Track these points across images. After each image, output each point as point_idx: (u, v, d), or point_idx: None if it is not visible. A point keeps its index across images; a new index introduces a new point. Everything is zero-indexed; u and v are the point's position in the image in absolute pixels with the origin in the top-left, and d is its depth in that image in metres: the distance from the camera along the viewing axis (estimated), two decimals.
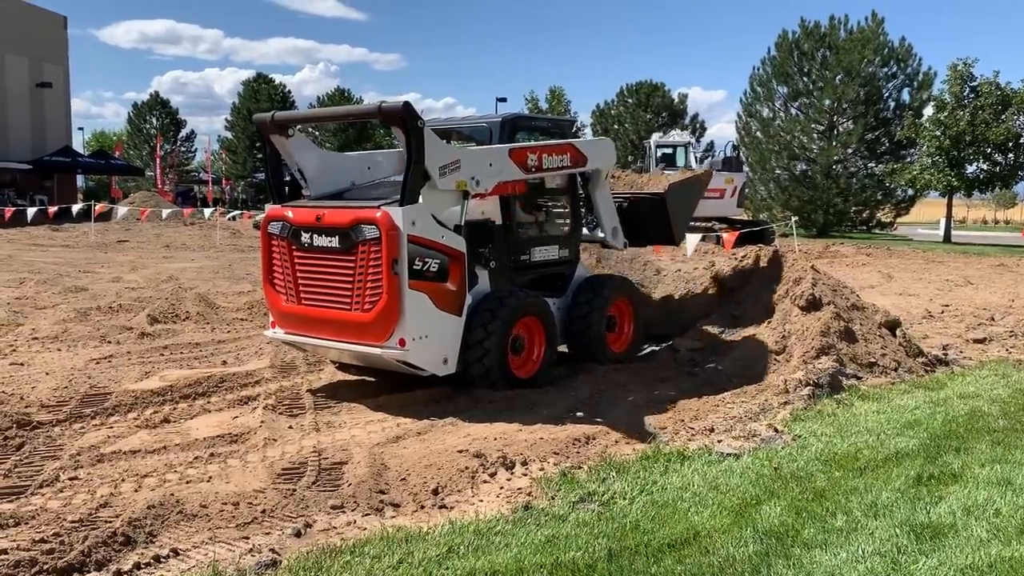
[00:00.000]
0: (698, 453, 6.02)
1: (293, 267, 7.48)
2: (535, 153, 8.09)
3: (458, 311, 7.36)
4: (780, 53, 43.77)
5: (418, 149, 6.88)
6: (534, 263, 8.61)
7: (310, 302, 7.42)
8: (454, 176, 7.27)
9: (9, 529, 4.63)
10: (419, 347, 7.05)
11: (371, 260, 6.90)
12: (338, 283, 7.16)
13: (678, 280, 12.53)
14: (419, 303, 6.97)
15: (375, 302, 6.91)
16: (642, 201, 9.69)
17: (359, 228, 6.93)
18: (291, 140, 7.77)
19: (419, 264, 6.90)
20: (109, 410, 6.98)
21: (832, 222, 43.03)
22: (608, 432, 6.67)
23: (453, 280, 7.21)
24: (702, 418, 7.13)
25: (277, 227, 7.55)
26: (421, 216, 6.99)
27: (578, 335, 8.79)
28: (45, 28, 44.39)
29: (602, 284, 9.06)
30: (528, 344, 8.02)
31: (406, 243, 6.80)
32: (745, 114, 46.05)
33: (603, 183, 9.22)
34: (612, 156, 9.27)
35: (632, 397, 7.76)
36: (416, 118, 6.83)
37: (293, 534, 4.68)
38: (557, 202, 9.06)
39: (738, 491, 5.18)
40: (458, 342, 7.40)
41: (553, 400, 7.53)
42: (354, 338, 7.20)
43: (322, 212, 7.26)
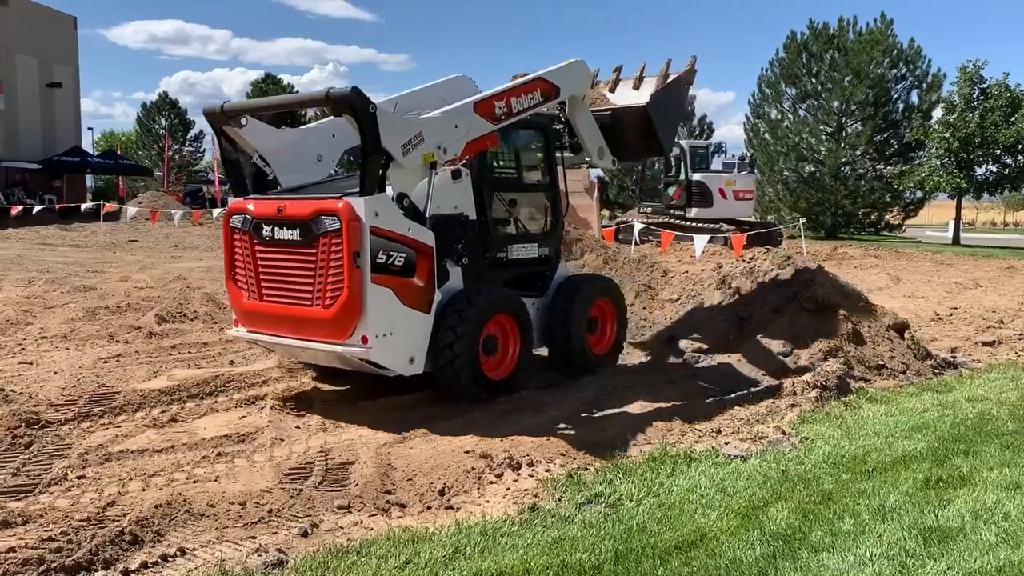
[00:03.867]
0: (705, 455, 6.01)
1: (255, 262, 7.17)
2: (502, 99, 7.60)
3: (426, 308, 7.01)
4: (788, 55, 43.67)
5: (373, 136, 6.53)
6: (512, 261, 8.23)
7: (272, 298, 7.12)
8: (419, 150, 6.92)
9: (17, 527, 4.65)
10: (383, 345, 6.71)
11: (332, 253, 6.59)
12: (299, 278, 6.86)
13: (685, 281, 12.53)
14: (383, 298, 6.64)
15: (336, 297, 6.61)
16: (624, 115, 9.14)
17: (320, 219, 6.63)
18: (246, 128, 7.41)
19: (383, 257, 6.59)
20: (117, 409, 7.00)
21: (840, 224, 42.91)
22: (615, 432, 6.66)
23: (420, 275, 6.87)
24: (709, 420, 7.12)
25: (239, 221, 7.25)
26: (385, 207, 6.68)
27: (557, 336, 8.37)
28: (55, 28, 44.61)
29: (583, 284, 8.71)
30: (502, 344, 7.65)
31: (368, 235, 6.49)
32: (753, 115, 45.97)
33: (581, 107, 8.70)
34: (585, 78, 8.69)
35: (638, 399, 7.75)
36: (366, 103, 6.48)
37: (300, 534, 4.68)
38: (536, 198, 8.71)
39: (745, 493, 5.17)
40: (426, 340, 7.05)
41: (559, 401, 7.53)
42: (315, 335, 6.89)
43: (283, 204, 6.97)
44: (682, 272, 13.19)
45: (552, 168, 8.64)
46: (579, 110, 8.65)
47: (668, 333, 10.15)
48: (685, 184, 27.41)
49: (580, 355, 8.40)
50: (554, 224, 8.70)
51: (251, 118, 7.41)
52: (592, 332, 8.71)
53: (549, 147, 8.64)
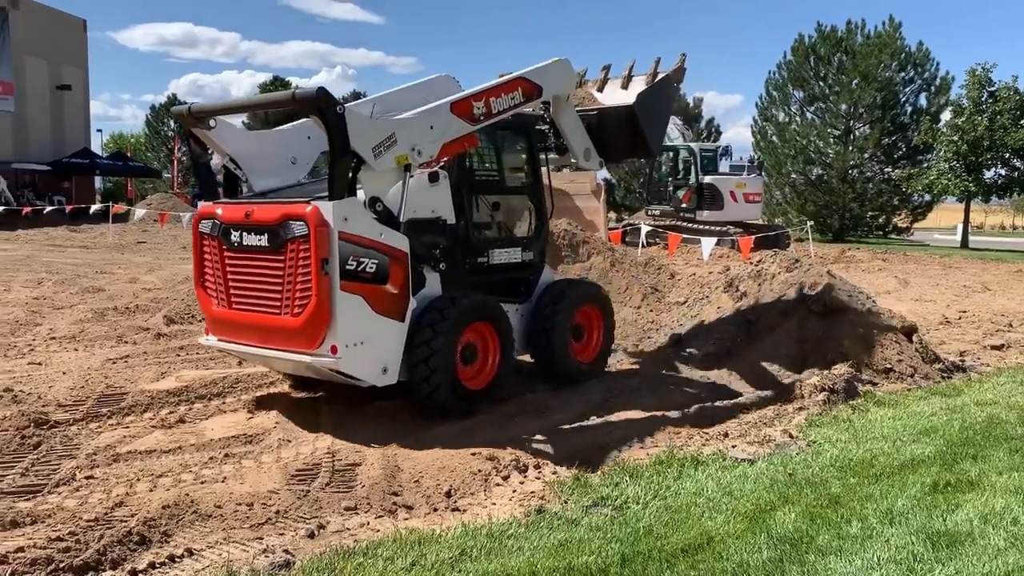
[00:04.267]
0: (712, 458, 6.00)
1: (224, 268, 6.93)
2: (481, 99, 7.33)
3: (399, 316, 6.71)
4: (796, 57, 43.59)
5: (341, 137, 6.28)
6: (494, 266, 7.92)
7: (241, 306, 6.88)
8: (392, 152, 6.66)
9: (26, 527, 4.67)
10: (353, 355, 6.44)
11: (300, 259, 6.35)
12: (268, 285, 6.62)
13: (693, 284, 12.52)
14: (353, 307, 6.39)
15: (304, 305, 6.35)
16: (610, 115, 8.87)
17: (287, 224, 6.40)
18: (215, 130, 7.16)
19: (353, 264, 6.33)
20: (125, 410, 7.02)
21: (848, 227, 42.81)
22: (622, 436, 6.66)
23: (394, 282, 6.60)
24: (716, 423, 7.11)
25: (208, 226, 7.03)
26: (355, 212, 6.42)
27: (540, 343, 8.06)
28: (65, 31, 44.80)
29: (568, 290, 8.35)
30: (481, 352, 7.33)
31: (337, 241, 6.24)
32: (761, 118, 45.91)
33: (566, 107, 8.45)
34: (569, 77, 8.39)
35: (645, 401, 7.74)
36: (334, 104, 6.24)
37: (307, 535, 4.69)
38: (519, 200, 8.39)
39: (752, 497, 5.15)
40: (400, 349, 6.75)
41: (566, 404, 7.52)
42: (284, 345, 6.62)
43: (251, 208, 6.72)
44: (689, 275, 13.16)
45: (536, 170, 8.40)
46: (563, 110, 8.43)
47: (675, 336, 10.14)
48: (696, 187, 27.36)
49: (564, 363, 8.12)
50: (538, 228, 8.44)
51: (221, 120, 7.18)
52: (577, 339, 8.42)
53: (532, 148, 8.40)
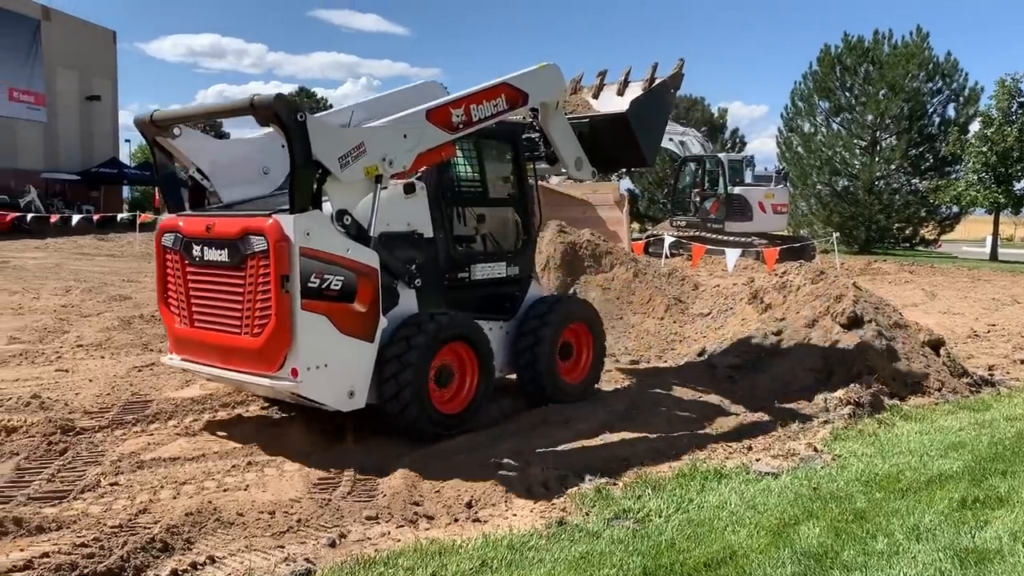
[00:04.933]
0: (735, 471, 5.95)
1: (186, 284, 6.62)
2: (460, 107, 6.92)
3: (368, 336, 6.31)
4: (822, 68, 43.32)
5: (302, 147, 5.90)
6: (476, 282, 7.54)
7: (202, 324, 6.56)
8: (360, 163, 6.28)
9: (51, 532, 4.71)
10: (315, 378, 6.05)
11: (260, 276, 6.01)
12: (228, 302, 6.29)
13: (717, 296, 12.46)
14: (316, 327, 5.99)
15: (264, 325, 6.01)
16: (603, 123, 8.50)
17: (247, 239, 6.06)
18: (180, 139, 6.88)
19: (316, 281, 5.95)
20: (150, 417, 7.08)
21: (874, 239, 42.40)
22: (644, 448, 6.61)
23: (362, 300, 6.20)
24: (739, 436, 7.04)
25: (170, 239, 6.75)
26: (319, 226, 6.03)
27: (524, 362, 7.66)
28: (95, 43, 45.57)
29: (555, 306, 7.90)
30: (458, 374, 6.95)
31: (298, 257, 5.86)
32: (786, 129, 45.64)
33: (555, 114, 7.99)
34: (558, 83, 7.93)
35: (668, 414, 7.69)
36: (293, 111, 5.86)
37: (328, 544, 4.70)
38: (504, 213, 8.06)
39: (776, 511, 5.10)
40: (369, 371, 6.37)
41: (588, 415, 7.49)
42: (244, 366, 6.28)
43: (213, 221, 6.41)
44: (713, 286, 13.12)
45: (523, 180, 8.02)
46: (553, 118, 8.00)
47: (699, 347, 10.08)
48: (724, 197, 27.26)
49: (550, 383, 7.70)
50: (525, 241, 8.06)
51: (186, 128, 6.89)
52: (565, 359, 8.02)
53: (518, 157, 8.02)
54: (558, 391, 7.76)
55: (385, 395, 6.41)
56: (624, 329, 11.51)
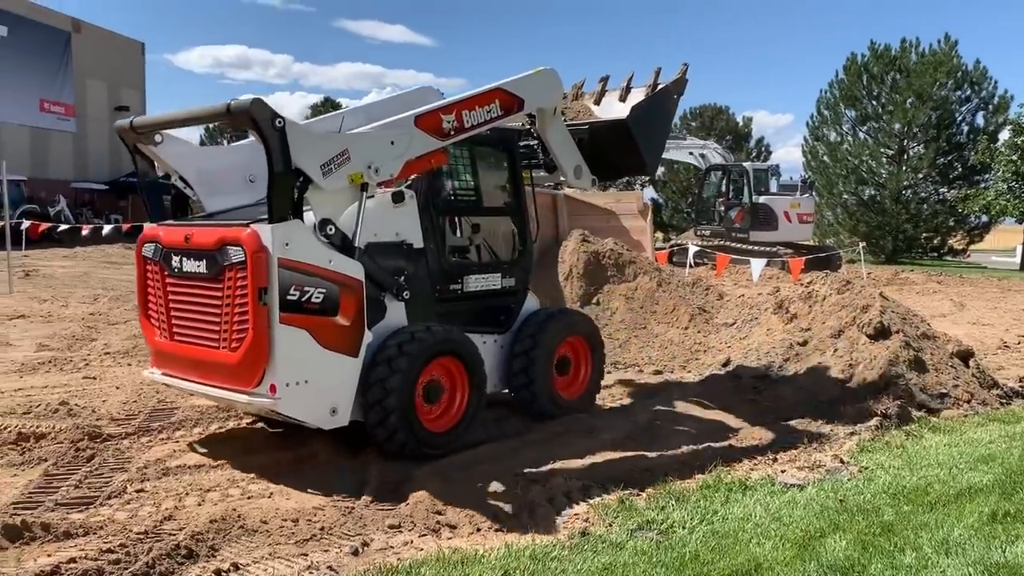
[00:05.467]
0: (760, 483, 5.89)
1: (165, 296, 6.41)
2: (451, 112, 6.67)
3: (352, 350, 6.07)
4: (848, 76, 43.03)
5: (280, 153, 5.65)
6: (469, 294, 7.28)
7: (182, 337, 6.33)
8: (344, 170, 6.05)
9: (79, 538, 4.76)
10: (294, 395, 5.79)
11: (238, 288, 5.77)
12: (207, 315, 6.07)
13: (741, 305, 12.38)
14: (295, 341, 5.74)
15: (242, 339, 5.77)
16: (603, 130, 8.24)
17: (224, 250, 5.84)
18: (162, 146, 6.65)
19: (295, 294, 5.71)
20: (176, 424, 7.14)
21: (902, 248, 41.97)
22: (668, 459, 6.57)
23: (345, 313, 5.95)
24: (764, 447, 6.98)
25: (150, 250, 6.55)
26: (298, 236, 5.78)
27: (519, 377, 7.43)
28: (124, 54, 46.23)
29: (551, 320, 7.65)
30: (448, 390, 6.67)
31: (276, 268, 5.62)
32: (812, 138, 45.35)
33: (554, 121, 7.72)
34: (555, 89, 7.62)
35: (693, 424, 7.64)
36: (271, 116, 5.61)
37: (351, 552, 4.70)
38: (499, 222, 7.83)
39: (802, 523, 5.05)
40: (353, 388, 6.13)
41: (612, 425, 7.46)
42: (223, 381, 6.05)
43: (191, 231, 6.20)
44: (738, 296, 13.03)
45: (519, 189, 7.78)
46: (550, 124, 7.73)
47: (723, 358, 10.01)
48: (748, 207, 27.13)
49: (546, 399, 7.48)
50: (521, 252, 7.79)
51: (167, 135, 6.65)
52: (562, 373, 7.77)
53: (514, 165, 7.79)
54: (555, 407, 7.54)
55: (370, 413, 6.18)
56: (648, 339, 11.46)
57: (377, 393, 6.13)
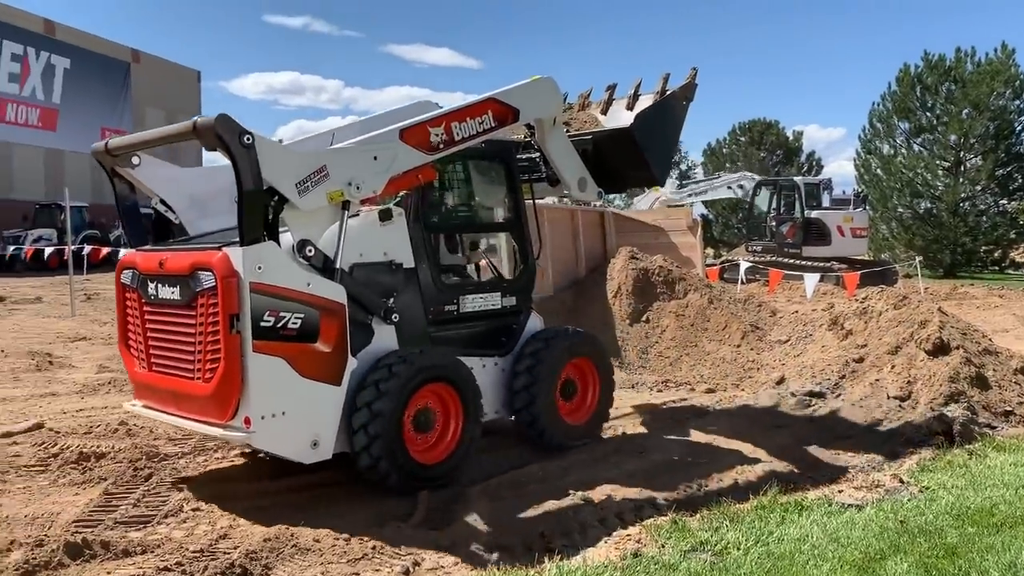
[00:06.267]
0: (817, 503, 5.77)
1: (143, 324, 6.13)
2: (439, 125, 6.33)
3: (334, 378, 5.71)
4: (901, 88, 42.26)
5: (250, 171, 5.32)
6: (465, 315, 6.90)
7: (159, 368, 6.02)
8: (322, 188, 5.70)
9: (136, 556, 4.85)
10: (270, 427, 5.43)
11: (210, 315, 5.45)
12: (181, 344, 5.76)
13: (795, 322, 12.18)
14: (270, 370, 5.38)
15: (215, 369, 5.43)
16: (607, 139, 7.85)
17: (196, 275, 5.53)
18: (140, 168, 6.40)
19: (270, 320, 5.36)
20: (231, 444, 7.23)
21: (960, 262, 40.92)
22: (721, 479, 6.48)
23: (326, 339, 5.61)
24: (821, 467, 6.85)
25: (128, 276, 6.27)
26: (272, 258, 5.43)
27: (521, 403, 6.99)
28: (180, 82, 47.58)
29: (555, 340, 7.21)
30: (441, 418, 6.31)
31: (248, 293, 5.28)
32: (864, 151, 44.59)
33: (553, 131, 7.37)
34: (553, 98, 7.29)
35: (746, 443, 7.52)
36: (238, 133, 5.30)
37: (402, 572, 4.71)
38: (497, 239, 7.62)
39: (861, 545, 4.92)
40: (336, 418, 5.78)
41: (664, 445, 7.38)
42: (199, 414, 5.71)
43: (165, 256, 5.90)
44: (791, 312, 12.83)
45: (518, 204, 7.41)
46: (550, 135, 7.37)
47: (777, 375, 9.86)
48: (801, 222, 26.78)
49: (549, 424, 7.04)
50: (522, 270, 7.42)
51: (146, 157, 6.43)
52: (568, 398, 7.36)
53: (513, 179, 7.42)
54: (560, 434, 7.13)
55: (354, 440, 5.83)
56: (699, 357, 11.34)
57: (362, 417, 5.79)
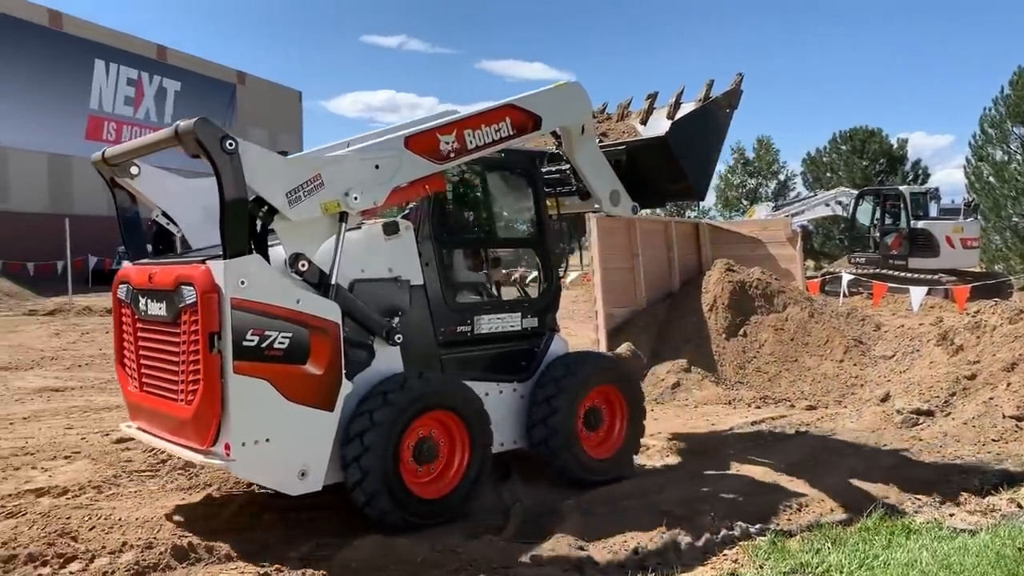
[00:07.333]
0: (926, 527, 5.50)
1: (136, 342, 5.83)
2: (450, 132, 5.86)
3: (325, 403, 5.27)
4: (1016, 91, 40.30)
5: (232, 179, 4.95)
6: (480, 337, 6.41)
7: (149, 388, 5.70)
8: (315, 198, 5.28)
9: (238, 561, 5.02)
10: (252, 455, 5.00)
11: (191, 333, 5.10)
12: (166, 363, 5.44)
13: (901, 337, 11.71)
14: (253, 394, 4.97)
15: (195, 391, 5.08)
16: (643, 149, 7.31)
17: (180, 290, 5.18)
18: (139, 178, 6.07)
19: (254, 339, 4.95)
20: None
21: None
22: (823, 498, 6.26)
23: (317, 361, 5.18)
24: (930, 488, 6.53)
25: (123, 291, 5.97)
26: (256, 273, 5.03)
27: (539, 431, 6.43)
28: (282, 102, 49.38)
29: (577, 365, 6.63)
30: (446, 449, 5.83)
31: (229, 310, 4.90)
32: (975, 158, 42.68)
33: (583, 141, 6.75)
34: (580, 105, 6.69)
35: (849, 462, 7.24)
36: (220, 138, 4.93)
37: None
38: (517, 255, 7.28)
39: (975, 572, 4.66)
40: (327, 446, 5.34)
41: (761, 463, 7.19)
42: (181, 437, 5.37)
43: (154, 270, 5.57)
44: (897, 326, 12.35)
45: (540, 217, 6.90)
46: (579, 145, 6.77)
47: (882, 392, 9.49)
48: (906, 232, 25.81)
49: (570, 457, 6.43)
50: (545, 288, 6.91)
51: (145, 166, 6.10)
52: (592, 428, 6.72)
53: (536, 191, 6.91)
54: (583, 469, 6.51)
55: (347, 474, 5.41)
56: (799, 372, 11.02)
57: (354, 450, 5.36)
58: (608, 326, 11.89)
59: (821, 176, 56.61)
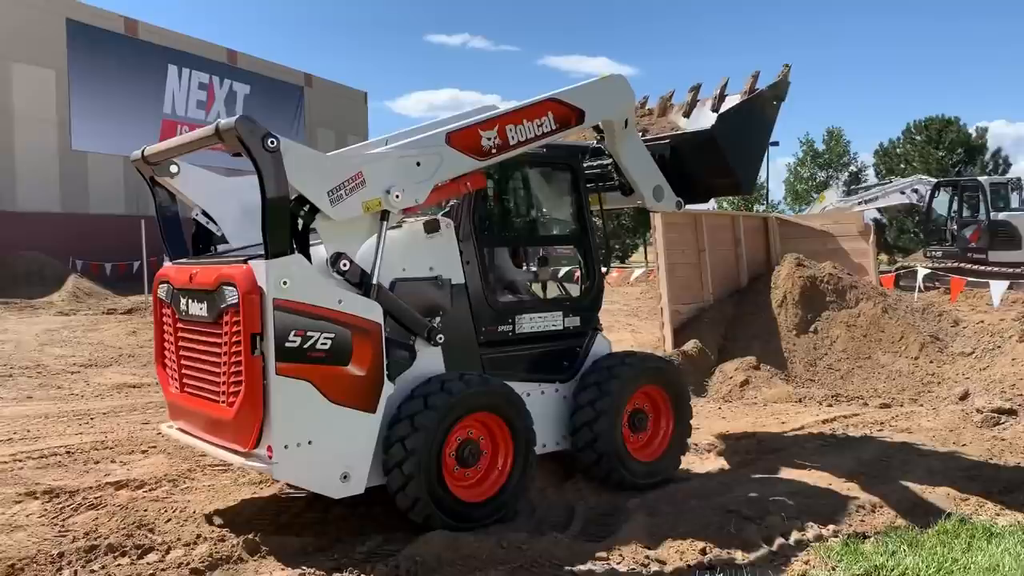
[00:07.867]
0: (1009, 530, 5.30)
1: (176, 342, 5.82)
2: (492, 128, 5.75)
3: (368, 405, 5.20)
4: None
5: (275, 178, 4.88)
6: (522, 336, 6.29)
7: (190, 389, 5.68)
8: (357, 196, 5.21)
9: (310, 555, 5.09)
10: (295, 458, 4.95)
11: (233, 334, 5.04)
12: (208, 364, 5.40)
13: (980, 332, 11.32)
14: (296, 395, 4.92)
15: (237, 393, 5.04)
16: (687, 143, 7.13)
17: (221, 290, 5.13)
18: (179, 176, 6.05)
19: (296, 340, 4.89)
20: None
21: None
22: (898, 499, 6.08)
23: (359, 362, 5.11)
24: (1013, 490, 6.29)
25: (164, 291, 5.94)
26: (299, 273, 4.96)
27: (582, 434, 6.29)
28: (349, 103, 50.11)
29: (620, 366, 6.46)
30: (489, 451, 5.72)
31: (271, 311, 4.83)
32: None
33: (625, 135, 6.62)
34: (624, 98, 6.57)
35: (926, 461, 7.03)
36: (261, 136, 4.86)
37: None
38: (560, 253, 7.05)
39: None
40: (370, 448, 5.25)
41: (834, 462, 7.02)
42: (222, 439, 5.35)
43: (196, 270, 5.52)
44: (976, 322, 11.92)
45: (583, 214, 6.74)
46: (621, 139, 6.64)
47: (960, 390, 9.18)
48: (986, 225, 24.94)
49: (614, 460, 6.26)
50: (587, 287, 6.77)
51: (185, 165, 6.07)
52: (637, 430, 6.57)
53: (578, 187, 6.76)
54: (625, 470, 6.32)
55: (389, 479, 5.33)
56: (873, 369, 10.73)
57: (397, 454, 5.28)
58: (674, 323, 11.75)
59: (895, 167, 55.08)
